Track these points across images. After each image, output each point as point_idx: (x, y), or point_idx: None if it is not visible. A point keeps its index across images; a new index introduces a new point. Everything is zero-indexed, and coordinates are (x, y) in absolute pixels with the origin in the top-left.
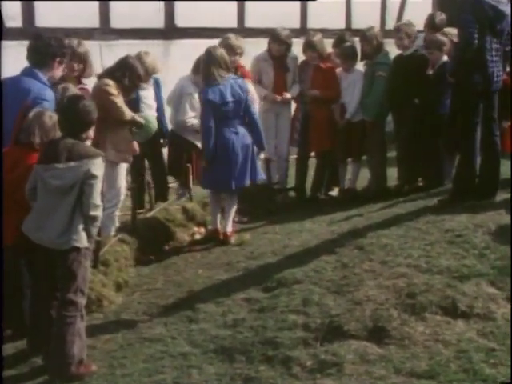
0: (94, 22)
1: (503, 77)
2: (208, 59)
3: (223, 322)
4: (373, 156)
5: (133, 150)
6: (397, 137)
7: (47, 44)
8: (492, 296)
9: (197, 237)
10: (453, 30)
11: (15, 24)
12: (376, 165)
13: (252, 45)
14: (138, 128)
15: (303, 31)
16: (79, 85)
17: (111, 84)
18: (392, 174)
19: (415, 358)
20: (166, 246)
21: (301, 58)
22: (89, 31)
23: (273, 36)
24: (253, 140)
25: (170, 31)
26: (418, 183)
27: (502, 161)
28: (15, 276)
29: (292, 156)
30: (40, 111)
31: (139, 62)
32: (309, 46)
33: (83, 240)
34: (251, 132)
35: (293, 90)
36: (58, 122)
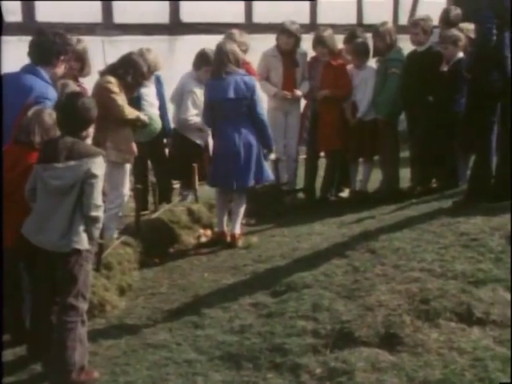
0: (97, 17)
1: None
2: (216, 53)
3: (230, 328)
4: (385, 156)
5: (131, 151)
6: (410, 136)
7: (52, 41)
8: (509, 302)
9: (203, 239)
10: (469, 26)
11: (15, 19)
12: (388, 165)
13: (260, 41)
14: (142, 127)
15: (313, 27)
16: (76, 83)
17: (113, 81)
18: (405, 175)
19: (429, 367)
20: (171, 249)
21: (310, 54)
22: (91, 26)
23: (281, 28)
24: (259, 140)
25: (176, 27)
26: (432, 184)
27: None
28: (14, 280)
29: (301, 156)
30: (39, 109)
31: (142, 59)
32: (319, 42)
33: (84, 242)
34: (257, 132)
35: (303, 87)
36: (57, 120)
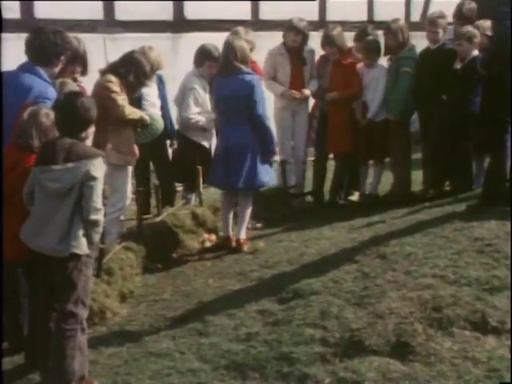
0: (98, 14)
1: None
2: (224, 50)
3: (235, 336)
4: (396, 158)
5: (133, 153)
6: (422, 137)
7: (53, 41)
8: None
9: (207, 244)
10: (485, 23)
11: (13, 15)
12: (400, 167)
13: (266, 38)
14: (144, 127)
15: (322, 24)
16: (75, 83)
17: (114, 80)
18: (417, 178)
19: (442, 377)
20: (174, 254)
21: (319, 53)
22: (92, 23)
23: (288, 25)
24: (259, 142)
25: (179, 24)
26: (445, 187)
27: None
28: (12, 285)
29: (309, 158)
30: (35, 110)
31: (144, 58)
32: (327, 41)
33: (83, 246)
34: (258, 133)
35: (311, 86)
36: (55, 121)
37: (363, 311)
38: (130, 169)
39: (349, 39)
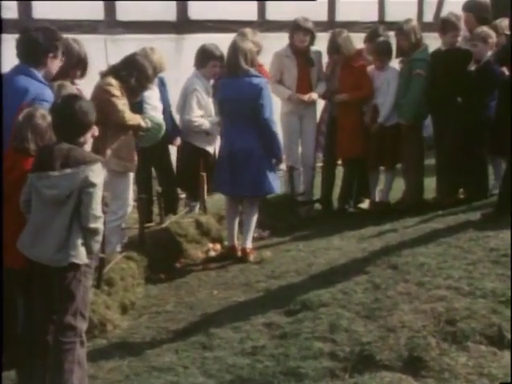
0: (99, 14)
1: None
2: (232, 51)
3: (241, 350)
4: (408, 164)
5: (132, 159)
6: (436, 142)
7: (35, 39)
8: None
9: (212, 254)
10: (503, 21)
11: (11, 15)
12: (412, 174)
13: (274, 40)
14: (144, 131)
15: (331, 25)
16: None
17: (114, 84)
18: (430, 185)
19: None
20: (178, 264)
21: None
22: (92, 24)
23: (295, 26)
24: (265, 148)
25: (183, 24)
26: (460, 195)
27: None
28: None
29: (317, 164)
30: (30, 111)
31: (147, 61)
32: (333, 48)
33: (82, 256)
34: (264, 139)
35: (319, 89)
36: (52, 125)
37: (374, 324)
38: (132, 175)
39: (359, 40)
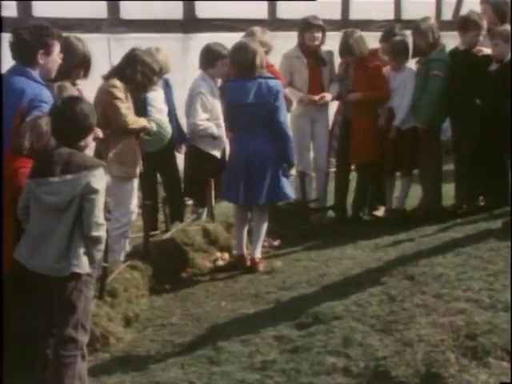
0: (101, 13)
1: None
2: (243, 52)
3: (250, 364)
4: (426, 169)
5: (136, 165)
6: (454, 147)
7: (22, 38)
8: None
9: (219, 263)
10: None
11: (11, 14)
12: (429, 180)
13: (284, 39)
14: (150, 135)
15: (345, 23)
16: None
17: (118, 86)
18: (448, 191)
19: None
20: (184, 274)
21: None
22: (95, 23)
23: (306, 24)
24: (279, 152)
25: (190, 23)
26: (480, 202)
27: None
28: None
29: (331, 169)
30: (37, 116)
31: (147, 55)
32: (345, 50)
33: (84, 265)
34: (277, 142)
35: (331, 90)
36: (52, 129)
37: (390, 338)
38: (136, 181)
39: (374, 40)
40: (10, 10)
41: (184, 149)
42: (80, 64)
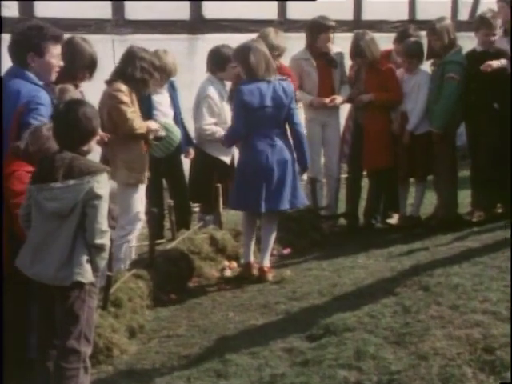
0: (106, 13)
1: None
2: (257, 54)
3: (259, 378)
4: (441, 176)
5: (145, 170)
6: (471, 152)
7: (14, 40)
8: None
9: (227, 272)
10: None
11: (11, 14)
12: (445, 186)
13: (295, 40)
14: (157, 140)
15: (357, 24)
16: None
17: (123, 89)
18: (464, 199)
19: None
20: (190, 284)
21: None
22: (99, 23)
23: (319, 25)
24: (295, 156)
25: (197, 24)
26: (497, 210)
27: None
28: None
29: (342, 175)
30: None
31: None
32: (356, 52)
33: (88, 274)
34: (294, 146)
35: (342, 92)
36: (54, 133)
37: (404, 351)
38: (143, 187)
39: (387, 41)
40: (11, 10)
41: (192, 153)
42: (87, 66)
